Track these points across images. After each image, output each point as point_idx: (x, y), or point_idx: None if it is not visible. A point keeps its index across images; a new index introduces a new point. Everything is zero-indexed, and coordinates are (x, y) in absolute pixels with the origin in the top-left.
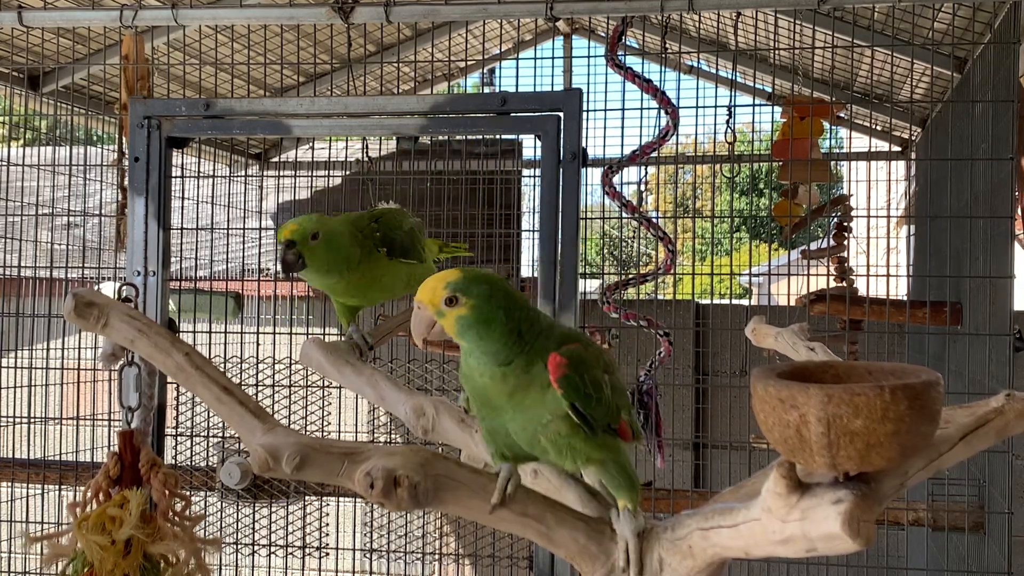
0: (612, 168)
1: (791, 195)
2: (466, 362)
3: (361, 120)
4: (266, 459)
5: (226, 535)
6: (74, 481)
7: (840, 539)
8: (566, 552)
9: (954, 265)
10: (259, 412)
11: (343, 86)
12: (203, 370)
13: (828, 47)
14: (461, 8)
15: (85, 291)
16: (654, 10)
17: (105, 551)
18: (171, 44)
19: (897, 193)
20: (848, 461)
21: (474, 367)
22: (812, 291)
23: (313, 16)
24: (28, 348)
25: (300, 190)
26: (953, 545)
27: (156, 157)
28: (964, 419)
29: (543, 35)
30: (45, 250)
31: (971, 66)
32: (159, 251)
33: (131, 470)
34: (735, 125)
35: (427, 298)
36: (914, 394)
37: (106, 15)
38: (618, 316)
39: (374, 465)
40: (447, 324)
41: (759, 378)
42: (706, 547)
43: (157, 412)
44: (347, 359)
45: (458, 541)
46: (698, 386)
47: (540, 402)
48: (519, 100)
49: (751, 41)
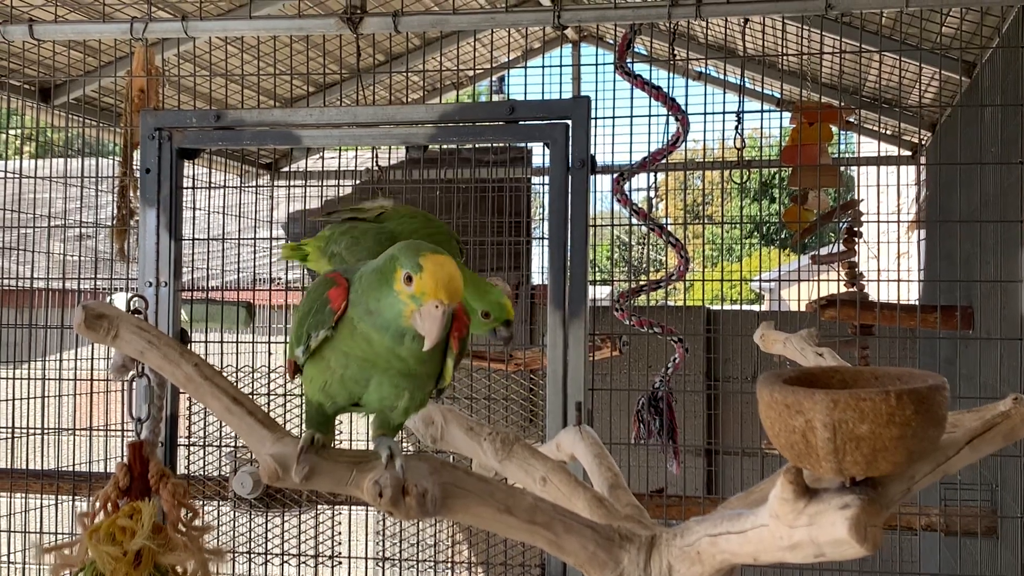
0: (624, 175)
1: (801, 201)
2: (365, 328)
3: (370, 129)
4: (275, 469)
5: (239, 544)
6: (86, 492)
7: (847, 544)
8: (575, 559)
9: (964, 269)
10: (268, 422)
11: (352, 96)
12: (213, 381)
13: (837, 52)
14: (469, 17)
15: (95, 303)
16: (662, 17)
17: (116, 562)
18: (181, 56)
19: (907, 197)
20: (855, 466)
21: (375, 332)
22: (823, 296)
23: (322, 26)
24: (40, 359)
25: (310, 199)
26: (966, 550)
27: (167, 168)
28: (971, 423)
29: (551, 43)
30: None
31: (980, 70)
32: (171, 262)
33: (141, 481)
34: (744, 131)
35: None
36: (920, 399)
37: (116, 27)
38: (630, 323)
39: (383, 474)
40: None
41: (765, 384)
42: (714, 553)
43: (170, 422)
44: None
45: (470, 549)
46: (710, 392)
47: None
48: (527, 108)
49: (759, 47)
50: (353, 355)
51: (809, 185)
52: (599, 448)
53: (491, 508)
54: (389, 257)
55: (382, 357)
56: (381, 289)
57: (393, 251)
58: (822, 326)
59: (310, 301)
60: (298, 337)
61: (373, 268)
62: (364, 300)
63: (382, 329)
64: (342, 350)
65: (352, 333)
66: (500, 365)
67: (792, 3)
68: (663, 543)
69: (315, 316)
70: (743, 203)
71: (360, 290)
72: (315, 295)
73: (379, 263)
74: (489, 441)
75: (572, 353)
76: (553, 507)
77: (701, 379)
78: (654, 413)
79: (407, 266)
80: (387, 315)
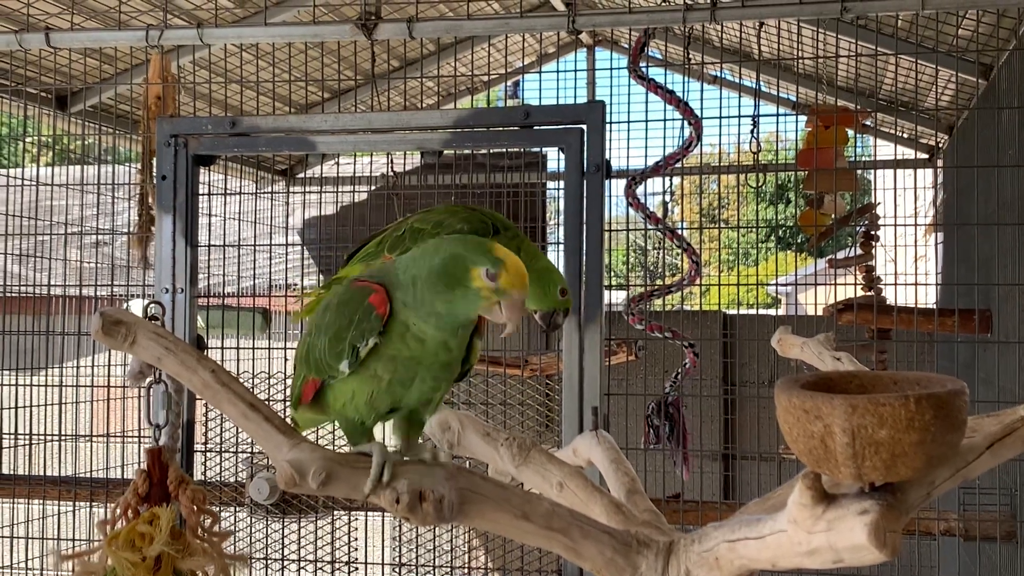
0: (635, 179)
1: (817, 204)
2: (421, 329)
3: (386, 135)
4: (292, 475)
5: (256, 550)
6: (104, 498)
7: (866, 550)
8: (592, 565)
9: (983, 273)
10: (285, 428)
11: (367, 101)
12: (229, 387)
13: (852, 55)
14: (484, 23)
15: (112, 310)
16: (676, 21)
17: (136, 568)
18: (197, 63)
19: (924, 201)
20: (874, 471)
21: (435, 330)
22: (840, 300)
23: (337, 33)
24: (58, 365)
25: (326, 205)
26: (985, 555)
27: (183, 175)
28: (991, 428)
29: (566, 48)
30: (74, 268)
31: (996, 73)
32: (187, 268)
33: (160, 487)
34: (760, 135)
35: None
36: (939, 403)
37: (132, 35)
38: (643, 328)
39: (399, 480)
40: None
41: (783, 389)
42: (733, 559)
43: (187, 428)
44: None
45: (487, 555)
46: (726, 397)
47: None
48: (542, 113)
49: (775, 50)
50: (401, 357)
51: (825, 189)
52: (616, 453)
53: (508, 514)
54: (451, 257)
55: (430, 352)
56: (453, 290)
57: (453, 251)
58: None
59: (346, 313)
60: (338, 353)
61: (431, 270)
62: (425, 302)
63: (449, 326)
64: (389, 355)
65: (403, 335)
66: (516, 371)
67: (808, 6)
68: (681, 549)
69: (359, 326)
70: (759, 207)
71: (416, 294)
72: (350, 306)
73: (436, 264)
74: (506, 446)
75: (588, 358)
76: (570, 513)
77: (718, 383)
78: (664, 418)
79: (484, 263)
80: (461, 312)
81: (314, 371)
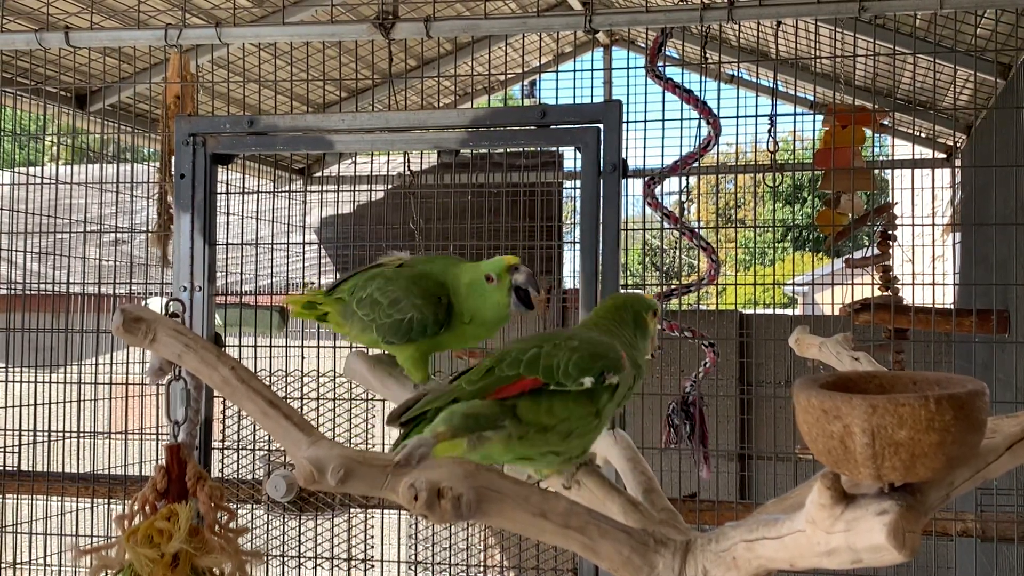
0: (654, 179)
1: (834, 204)
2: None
3: (402, 134)
4: (311, 472)
5: (272, 548)
6: (123, 495)
7: (885, 550)
8: (609, 564)
9: (1001, 273)
10: (304, 425)
11: (384, 101)
12: (248, 384)
13: (870, 55)
14: (501, 22)
15: (133, 307)
16: (693, 21)
17: (154, 564)
18: (215, 62)
19: (943, 201)
20: (893, 472)
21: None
22: (857, 300)
23: (354, 32)
24: (77, 363)
25: (343, 204)
26: (1003, 556)
27: (201, 174)
28: (1011, 428)
29: (583, 47)
30: (93, 266)
31: (1015, 72)
32: (205, 266)
33: (178, 483)
34: (777, 134)
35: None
36: (959, 404)
37: (151, 34)
38: (663, 327)
39: (418, 477)
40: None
41: (802, 389)
42: (750, 559)
43: (204, 426)
44: (390, 371)
45: (502, 553)
46: (743, 397)
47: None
48: (559, 113)
49: (792, 50)
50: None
51: (842, 188)
52: (632, 452)
53: (525, 512)
54: (624, 309)
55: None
56: (647, 339)
57: (626, 304)
58: (855, 330)
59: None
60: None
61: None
62: (636, 350)
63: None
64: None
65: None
66: None
67: (825, 5)
68: (698, 548)
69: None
70: (776, 206)
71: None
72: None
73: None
74: None
75: None
76: (587, 511)
77: (734, 383)
78: (684, 418)
79: (649, 309)
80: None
81: (542, 371)
